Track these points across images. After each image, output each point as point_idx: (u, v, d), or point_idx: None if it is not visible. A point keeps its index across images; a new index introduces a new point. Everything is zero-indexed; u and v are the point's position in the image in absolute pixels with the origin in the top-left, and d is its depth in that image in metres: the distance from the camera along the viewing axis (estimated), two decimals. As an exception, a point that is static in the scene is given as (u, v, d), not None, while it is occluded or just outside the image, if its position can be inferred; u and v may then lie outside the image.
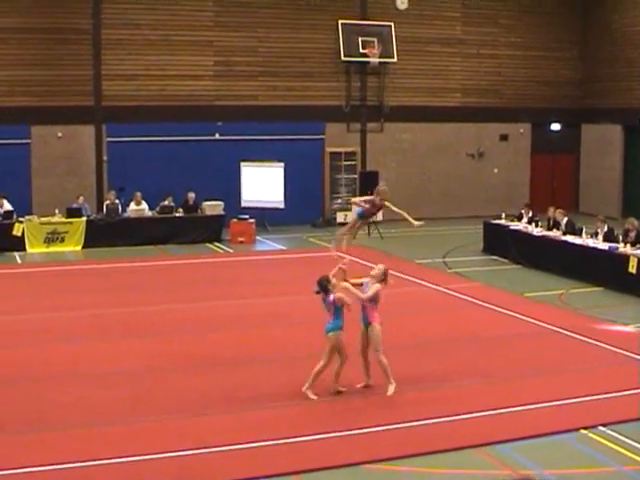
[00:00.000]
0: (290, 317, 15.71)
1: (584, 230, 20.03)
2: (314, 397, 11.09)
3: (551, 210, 21.83)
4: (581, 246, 19.44)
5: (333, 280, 11.19)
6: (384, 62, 28.93)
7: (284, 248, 24.47)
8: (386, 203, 13.26)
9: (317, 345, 11.46)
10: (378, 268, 11.40)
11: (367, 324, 11.23)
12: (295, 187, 26.90)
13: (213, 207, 25.13)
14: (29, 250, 23.03)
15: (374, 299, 11.21)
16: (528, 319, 15.55)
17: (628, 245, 18.34)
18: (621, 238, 18.93)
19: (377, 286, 11.23)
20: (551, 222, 21.40)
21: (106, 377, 12.15)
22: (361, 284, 11.39)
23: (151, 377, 12.25)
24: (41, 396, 11.33)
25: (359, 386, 11.49)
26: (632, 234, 18.67)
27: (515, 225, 22.39)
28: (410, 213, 13.81)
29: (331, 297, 11.05)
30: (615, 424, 10.28)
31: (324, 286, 11.11)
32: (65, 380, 12.09)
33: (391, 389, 11.26)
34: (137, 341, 14.17)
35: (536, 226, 21.58)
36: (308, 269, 20.50)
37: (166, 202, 24.70)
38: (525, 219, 22.48)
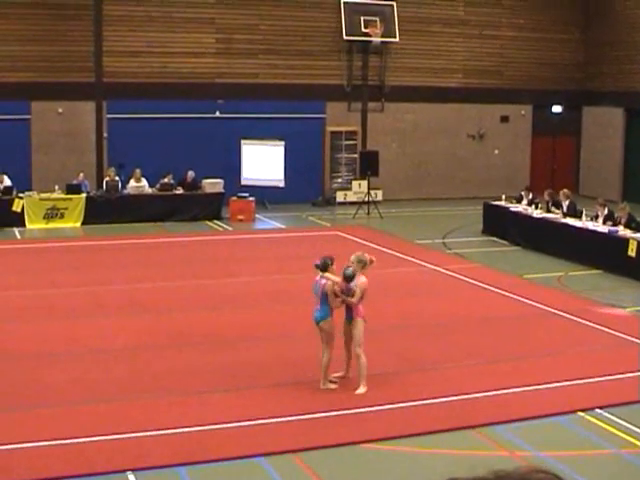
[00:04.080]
0: (289, 296, 15.66)
1: (584, 213, 20.03)
2: (335, 387, 10.78)
3: (546, 193, 21.80)
4: (581, 229, 19.43)
5: (333, 267, 10.70)
6: (386, 42, 28.80)
7: (283, 227, 24.46)
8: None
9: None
10: (352, 260, 10.71)
11: (350, 319, 10.72)
12: (295, 166, 26.81)
13: (213, 185, 25.07)
14: (28, 226, 23.00)
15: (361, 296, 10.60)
16: (527, 301, 15.57)
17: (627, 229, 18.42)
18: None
19: (363, 280, 10.57)
20: (550, 204, 21.39)
21: (103, 354, 12.16)
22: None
23: (148, 355, 12.27)
24: (37, 373, 11.35)
25: (336, 375, 11.00)
26: (623, 219, 18.83)
27: (515, 207, 22.37)
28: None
29: (323, 281, 10.60)
30: (612, 407, 10.33)
31: (326, 265, 10.66)
32: (62, 357, 12.11)
33: (361, 390, 10.64)
34: (134, 318, 14.18)
35: (536, 208, 21.56)
36: (307, 248, 20.57)
37: (166, 179, 24.67)
38: (525, 201, 22.47)
